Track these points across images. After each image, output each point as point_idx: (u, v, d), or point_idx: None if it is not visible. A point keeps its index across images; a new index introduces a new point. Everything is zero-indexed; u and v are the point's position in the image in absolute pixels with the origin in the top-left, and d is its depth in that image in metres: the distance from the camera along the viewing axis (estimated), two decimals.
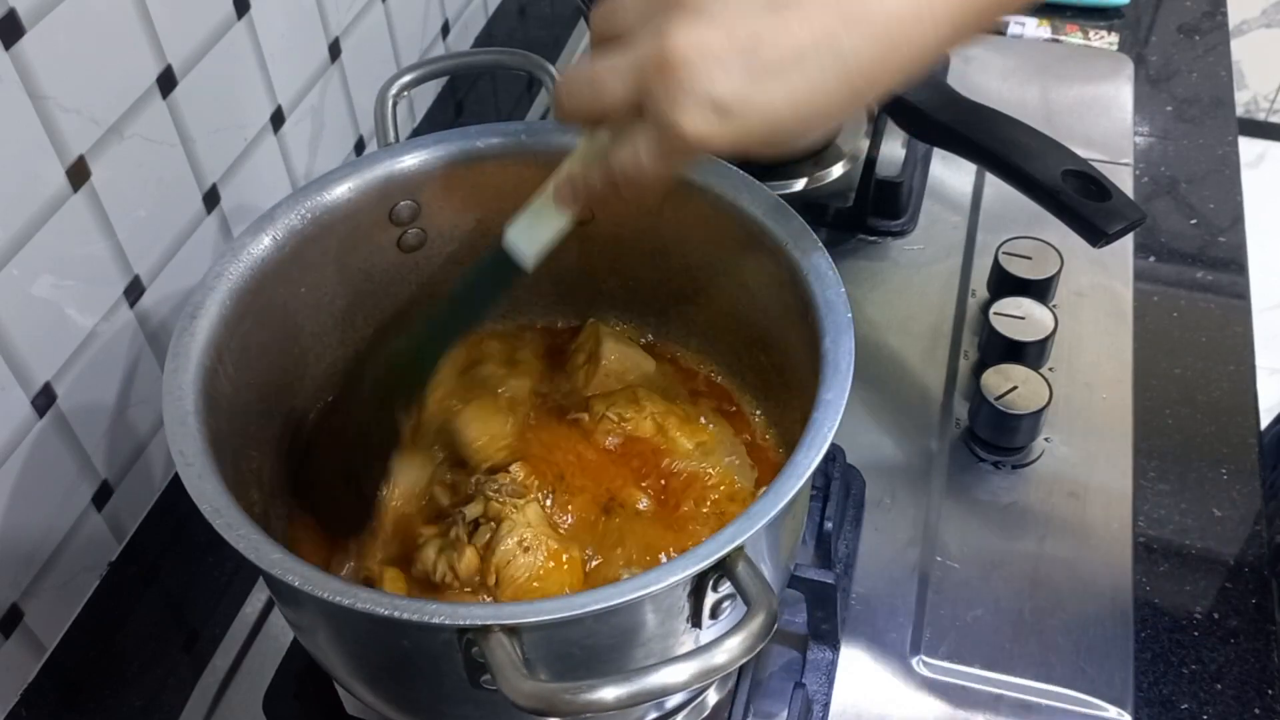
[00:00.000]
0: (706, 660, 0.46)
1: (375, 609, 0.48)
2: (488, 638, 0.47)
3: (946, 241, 0.98)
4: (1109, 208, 0.72)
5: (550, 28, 1.26)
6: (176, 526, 0.82)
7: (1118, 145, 1.06)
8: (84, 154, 0.69)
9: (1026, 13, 1.20)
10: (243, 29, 0.82)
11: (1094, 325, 0.91)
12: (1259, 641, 0.73)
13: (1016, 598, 0.75)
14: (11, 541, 0.70)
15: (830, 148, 1.04)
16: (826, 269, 0.61)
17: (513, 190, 0.72)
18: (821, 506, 0.74)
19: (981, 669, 0.72)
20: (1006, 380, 0.81)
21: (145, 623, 0.77)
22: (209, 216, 0.82)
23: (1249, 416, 0.85)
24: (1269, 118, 2.45)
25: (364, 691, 0.60)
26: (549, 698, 0.45)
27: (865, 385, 0.85)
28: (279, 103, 0.88)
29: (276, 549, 0.51)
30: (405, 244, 0.73)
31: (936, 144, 0.85)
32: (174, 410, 0.56)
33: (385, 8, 1.02)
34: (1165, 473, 0.82)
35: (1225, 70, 1.15)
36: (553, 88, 0.73)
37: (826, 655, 0.73)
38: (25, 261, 0.66)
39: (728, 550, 0.49)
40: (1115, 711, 0.70)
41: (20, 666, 0.74)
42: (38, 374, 0.70)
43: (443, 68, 0.76)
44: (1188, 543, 0.78)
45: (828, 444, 0.53)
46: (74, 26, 0.66)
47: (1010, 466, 0.82)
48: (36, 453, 0.70)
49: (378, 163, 0.69)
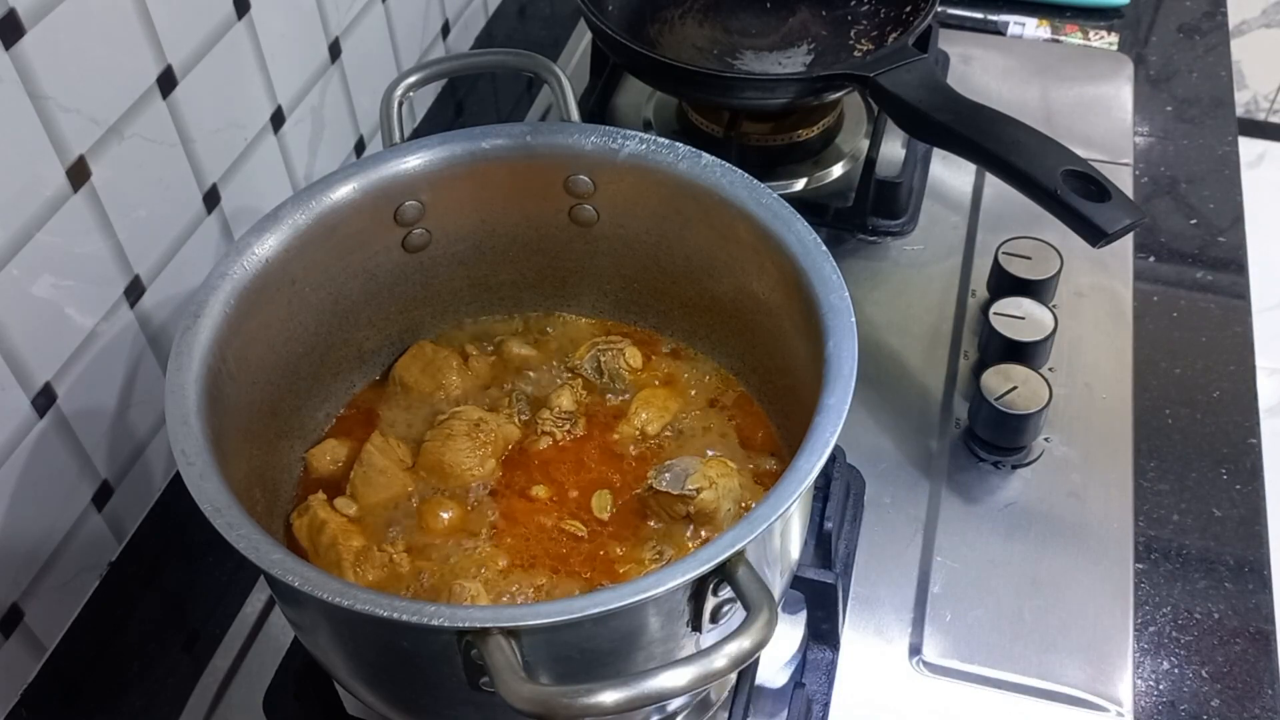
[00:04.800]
0: (706, 665, 0.46)
1: (375, 610, 0.48)
2: (487, 640, 0.47)
3: (946, 241, 0.98)
4: (1109, 208, 0.72)
5: (550, 28, 1.26)
6: (176, 526, 0.82)
7: (1118, 145, 1.06)
8: (84, 154, 0.69)
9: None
10: (243, 29, 0.82)
11: (1094, 325, 0.91)
12: (1259, 641, 0.73)
13: (1016, 598, 0.75)
14: (11, 541, 0.70)
15: (830, 148, 1.04)
16: (830, 272, 0.61)
17: (517, 191, 0.73)
18: (821, 506, 0.75)
19: (981, 668, 0.72)
20: (1006, 380, 0.81)
21: (145, 623, 0.77)
22: (209, 217, 0.82)
23: (1249, 416, 0.85)
24: (1269, 118, 2.44)
25: (364, 692, 0.60)
26: (547, 701, 0.45)
27: (865, 385, 0.85)
28: (279, 103, 0.88)
29: (277, 549, 0.51)
30: (410, 244, 0.73)
31: (936, 144, 0.85)
32: (176, 410, 0.56)
33: (385, 8, 1.02)
34: (1165, 473, 0.82)
35: (1225, 70, 1.15)
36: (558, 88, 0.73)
37: (826, 655, 0.73)
38: (25, 261, 0.66)
39: (728, 554, 0.49)
40: (1115, 711, 0.70)
41: (20, 666, 0.74)
42: (38, 374, 0.70)
43: (448, 68, 0.76)
44: (1188, 543, 0.78)
45: (830, 449, 0.53)
46: (74, 26, 0.66)
47: (1010, 466, 0.82)
48: (37, 453, 0.70)
49: (382, 163, 0.69)
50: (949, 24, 1.20)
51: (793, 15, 1.09)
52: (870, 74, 0.86)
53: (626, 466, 0.70)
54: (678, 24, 1.09)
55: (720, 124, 1.01)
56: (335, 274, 0.70)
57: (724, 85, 0.95)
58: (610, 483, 0.70)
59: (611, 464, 0.71)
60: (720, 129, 1.01)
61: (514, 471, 0.70)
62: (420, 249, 0.74)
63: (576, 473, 0.70)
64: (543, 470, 0.70)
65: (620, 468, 0.70)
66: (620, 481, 0.70)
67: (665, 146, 0.69)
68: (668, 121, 1.08)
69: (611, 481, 0.70)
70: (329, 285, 0.70)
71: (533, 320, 0.80)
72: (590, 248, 0.75)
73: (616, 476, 0.70)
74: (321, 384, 0.73)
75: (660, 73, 0.96)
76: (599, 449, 0.72)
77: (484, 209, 0.74)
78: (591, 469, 0.70)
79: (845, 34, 1.07)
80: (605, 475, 0.70)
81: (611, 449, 0.72)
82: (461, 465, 0.69)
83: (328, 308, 0.71)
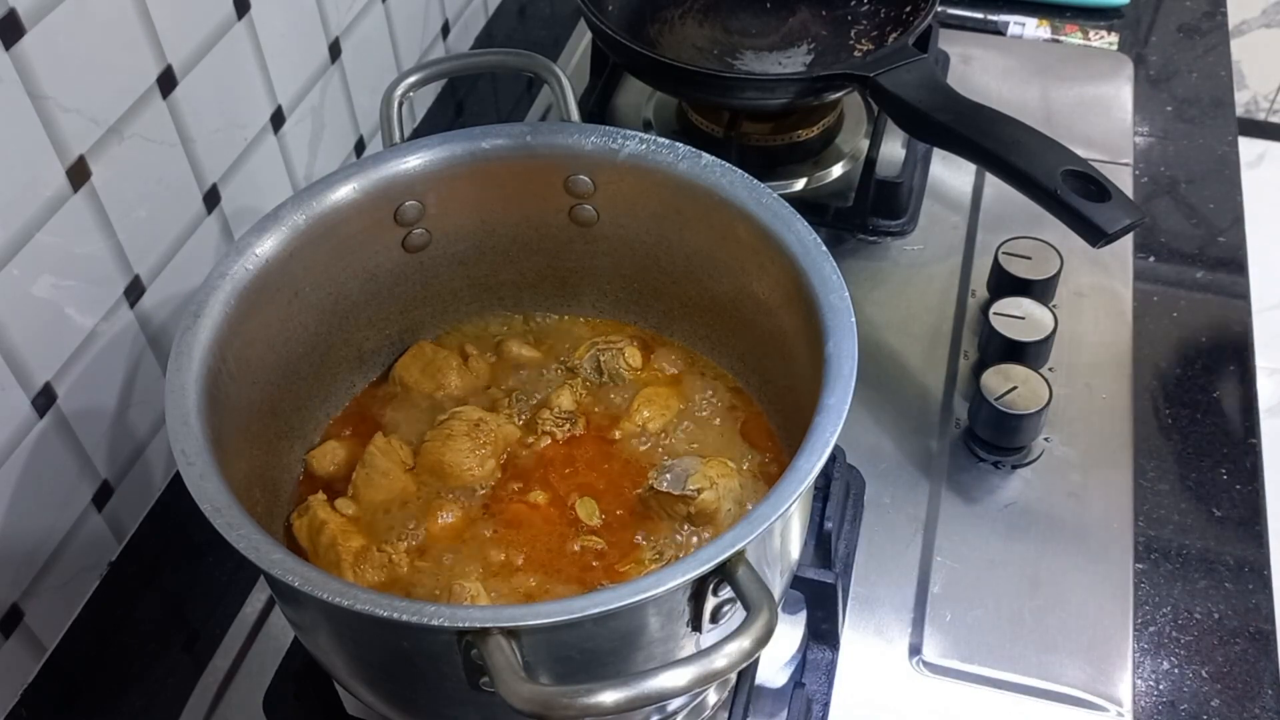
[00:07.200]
0: (706, 665, 0.46)
1: (375, 610, 0.48)
2: (487, 640, 0.47)
3: (946, 241, 0.98)
4: (1109, 208, 0.72)
5: (550, 28, 1.26)
6: (176, 526, 0.82)
7: (1118, 145, 1.06)
8: (84, 154, 0.69)
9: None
10: (243, 29, 0.82)
11: (1094, 325, 0.91)
12: (1259, 641, 0.73)
13: (1016, 598, 0.75)
14: (11, 541, 0.70)
15: (830, 148, 1.04)
16: (830, 272, 0.61)
17: (517, 191, 0.73)
18: (821, 506, 0.75)
19: (981, 668, 0.72)
20: (1006, 380, 0.81)
21: (145, 623, 0.77)
22: (209, 217, 0.82)
23: (1249, 416, 0.85)
24: (1269, 118, 2.44)
25: (364, 692, 0.60)
26: (547, 701, 0.45)
27: (865, 385, 0.85)
28: (279, 103, 0.88)
29: (277, 549, 0.51)
30: (410, 244, 0.73)
31: (936, 144, 0.85)
32: (176, 409, 0.56)
33: (385, 8, 1.02)
34: (1165, 473, 0.82)
35: (1225, 70, 1.15)
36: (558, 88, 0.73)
37: (826, 655, 0.73)
38: (25, 261, 0.66)
39: (728, 555, 0.49)
40: (1115, 711, 0.70)
41: (20, 666, 0.74)
42: (38, 374, 0.70)
43: (449, 68, 0.76)
44: (1188, 543, 0.78)
45: (829, 449, 0.53)
46: (74, 26, 0.66)
47: (1010, 466, 0.82)
48: (37, 453, 0.70)
49: (382, 163, 0.69)
50: (949, 24, 1.20)
51: (793, 15, 1.09)
52: (870, 74, 0.86)
53: (627, 466, 0.70)
54: (678, 24, 1.09)
55: (720, 124, 1.01)
56: (335, 274, 0.70)
57: (724, 85, 0.95)
58: (610, 482, 0.70)
59: (611, 463, 0.71)
60: (720, 129, 1.01)
61: (514, 472, 0.70)
62: (420, 249, 0.74)
63: (576, 473, 0.70)
64: (543, 470, 0.70)
65: (620, 467, 0.70)
66: (620, 481, 0.70)
67: (665, 146, 0.69)
68: (668, 121, 1.08)
69: (611, 481, 0.70)
70: (329, 285, 0.70)
71: (533, 320, 0.80)
72: (590, 248, 0.75)
73: (616, 476, 0.70)
74: (321, 384, 0.73)
75: (660, 73, 0.96)
76: (599, 449, 0.72)
77: (484, 209, 0.74)
78: (591, 469, 0.70)
79: (845, 34, 1.07)
80: (605, 475, 0.70)
81: (612, 448, 0.72)
82: (461, 465, 0.69)
83: (328, 308, 0.71)
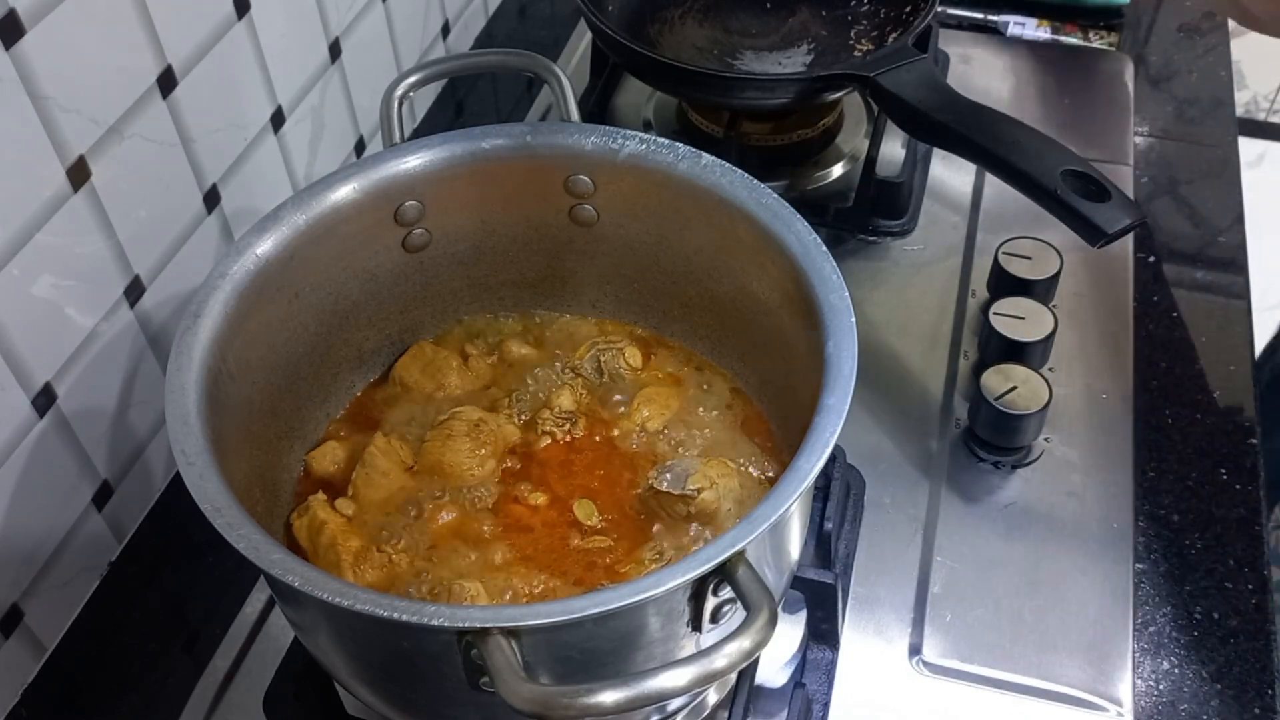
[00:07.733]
0: (706, 665, 0.46)
1: (375, 610, 0.48)
2: (487, 640, 0.47)
3: (946, 241, 0.98)
4: (1109, 208, 0.72)
5: (550, 28, 1.26)
6: (176, 526, 0.82)
7: (1118, 145, 1.06)
8: (84, 154, 0.69)
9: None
10: (243, 29, 0.82)
11: (1094, 325, 0.91)
12: (1259, 641, 0.73)
13: (1016, 597, 0.75)
14: (11, 541, 0.70)
15: (830, 148, 1.04)
16: (830, 272, 0.61)
17: (517, 191, 0.73)
18: (821, 506, 0.75)
19: (981, 668, 0.72)
20: (1006, 380, 0.81)
21: (145, 623, 0.77)
22: (209, 217, 0.82)
23: (1249, 416, 0.85)
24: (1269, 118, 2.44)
25: (364, 692, 0.60)
26: (547, 701, 0.45)
27: (865, 385, 0.85)
28: (279, 103, 0.88)
29: (277, 549, 0.51)
30: (410, 244, 0.73)
31: (936, 144, 0.85)
32: (176, 409, 0.56)
33: (385, 8, 1.02)
34: (1165, 473, 0.82)
35: (1225, 70, 1.15)
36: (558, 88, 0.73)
37: (826, 655, 0.73)
38: (25, 261, 0.66)
39: (728, 555, 0.49)
40: (1115, 711, 0.70)
41: (20, 666, 0.74)
42: (38, 374, 0.70)
43: (449, 68, 0.76)
44: (1187, 543, 0.78)
45: (829, 449, 0.53)
46: (74, 26, 0.66)
47: (1010, 466, 0.82)
48: (37, 453, 0.70)
49: (382, 163, 0.69)
50: (949, 24, 1.20)
51: (793, 15, 1.09)
52: (870, 74, 0.86)
53: (627, 465, 0.70)
54: (678, 24, 1.09)
55: (720, 124, 1.01)
56: (335, 274, 0.70)
57: (724, 85, 0.95)
58: (610, 482, 0.70)
59: (611, 463, 0.71)
60: (720, 129, 1.01)
61: (514, 472, 0.70)
62: (420, 249, 0.74)
63: (576, 473, 0.70)
64: (543, 470, 0.70)
65: (620, 467, 0.70)
66: (620, 481, 0.70)
67: (665, 146, 0.69)
68: (668, 121, 1.08)
69: (611, 481, 0.70)
70: (329, 285, 0.70)
71: (533, 320, 0.80)
72: (590, 248, 0.75)
73: (616, 476, 0.70)
74: (321, 384, 0.73)
75: (660, 73, 0.96)
76: (599, 449, 0.72)
77: (484, 209, 0.74)
78: (591, 469, 0.70)
79: (845, 34, 1.07)
80: (605, 474, 0.70)
81: (612, 448, 0.72)
82: (461, 465, 0.69)
83: (328, 308, 0.71)
